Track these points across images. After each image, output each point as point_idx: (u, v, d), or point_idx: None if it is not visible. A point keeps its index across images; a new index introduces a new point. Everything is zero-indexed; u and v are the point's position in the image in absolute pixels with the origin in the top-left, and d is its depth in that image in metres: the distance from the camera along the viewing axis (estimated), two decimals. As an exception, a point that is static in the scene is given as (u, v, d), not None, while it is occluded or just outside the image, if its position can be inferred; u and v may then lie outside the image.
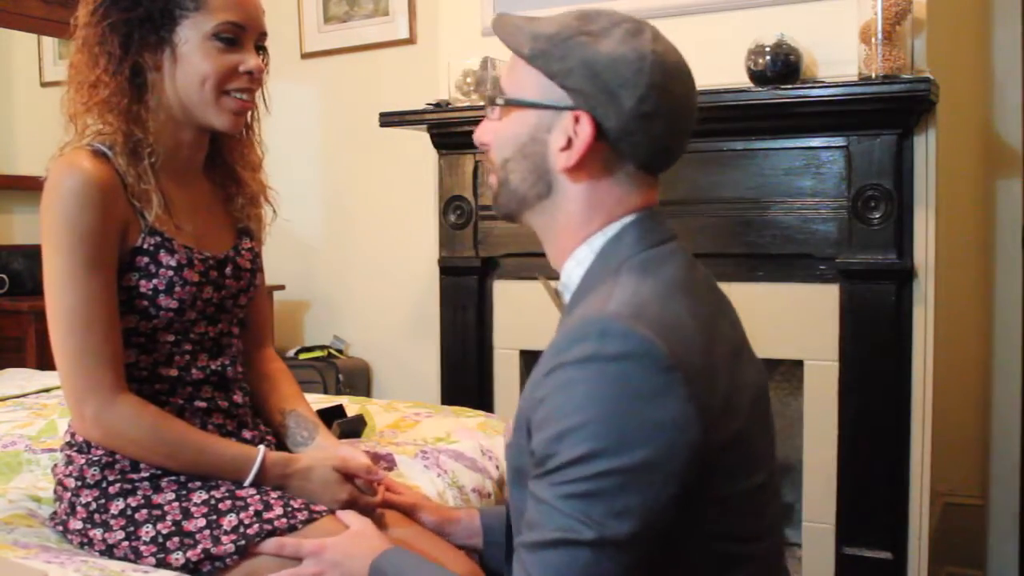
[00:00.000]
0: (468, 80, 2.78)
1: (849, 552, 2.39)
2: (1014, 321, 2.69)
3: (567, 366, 0.90)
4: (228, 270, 1.41)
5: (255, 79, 1.34)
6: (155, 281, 1.30)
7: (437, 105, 2.80)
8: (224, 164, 1.47)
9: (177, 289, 1.31)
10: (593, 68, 0.97)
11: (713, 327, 0.97)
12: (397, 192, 3.54)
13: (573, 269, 1.04)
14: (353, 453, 1.39)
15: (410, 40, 3.52)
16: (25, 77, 3.63)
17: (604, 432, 0.86)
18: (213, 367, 1.39)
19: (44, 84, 3.67)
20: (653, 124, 0.98)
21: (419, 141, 2.99)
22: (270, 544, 1.22)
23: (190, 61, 1.30)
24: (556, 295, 1.11)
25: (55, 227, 1.25)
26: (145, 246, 1.30)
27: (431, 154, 2.94)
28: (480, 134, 1.09)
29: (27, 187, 3.42)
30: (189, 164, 1.40)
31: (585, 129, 0.98)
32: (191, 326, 1.36)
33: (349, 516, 1.27)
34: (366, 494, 1.35)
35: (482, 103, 2.75)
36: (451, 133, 2.82)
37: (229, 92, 1.32)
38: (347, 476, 1.34)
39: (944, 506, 2.73)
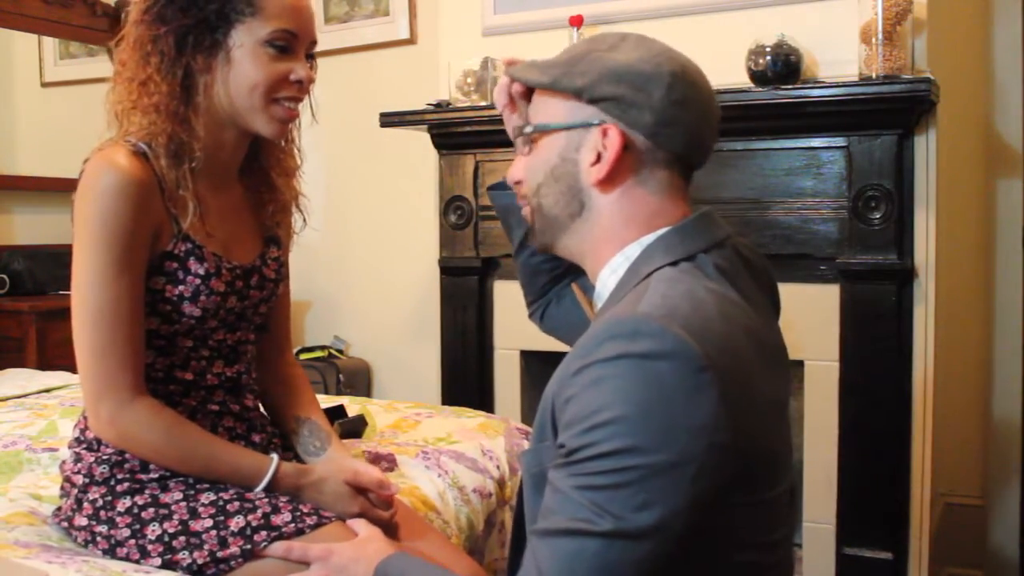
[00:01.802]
0: (468, 80, 2.78)
1: (849, 552, 2.39)
2: (1014, 321, 2.69)
3: (597, 364, 0.89)
4: (253, 280, 1.40)
5: (304, 88, 1.33)
6: (181, 288, 1.30)
7: (437, 105, 2.81)
8: (260, 169, 1.45)
9: (202, 298, 1.31)
10: (616, 73, 1.01)
11: (745, 333, 0.96)
12: (397, 192, 3.54)
13: (608, 277, 1.05)
14: (366, 467, 1.38)
15: (410, 40, 3.52)
16: (25, 77, 3.63)
17: (635, 429, 0.86)
18: (228, 374, 1.39)
19: (44, 84, 3.67)
20: (685, 110, 1.01)
21: (419, 141, 2.99)
22: (277, 548, 1.21)
23: (242, 66, 1.29)
24: (589, 305, 1.11)
25: (88, 225, 1.24)
26: (176, 251, 1.30)
27: (431, 154, 2.94)
28: (514, 174, 1.12)
29: (27, 187, 3.43)
30: (226, 168, 1.39)
31: (613, 141, 1.01)
32: (210, 333, 1.35)
33: (359, 524, 1.27)
34: (377, 508, 1.34)
35: (483, 103, 2.77)
36: (451, 133, 2.83)
37: (278, 100, 1.31)
38: (359, 489, 1.34)
39: (944, 506, 2.73)
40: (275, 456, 1.33)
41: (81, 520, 1.31)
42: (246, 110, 1.31)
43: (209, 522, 1.24)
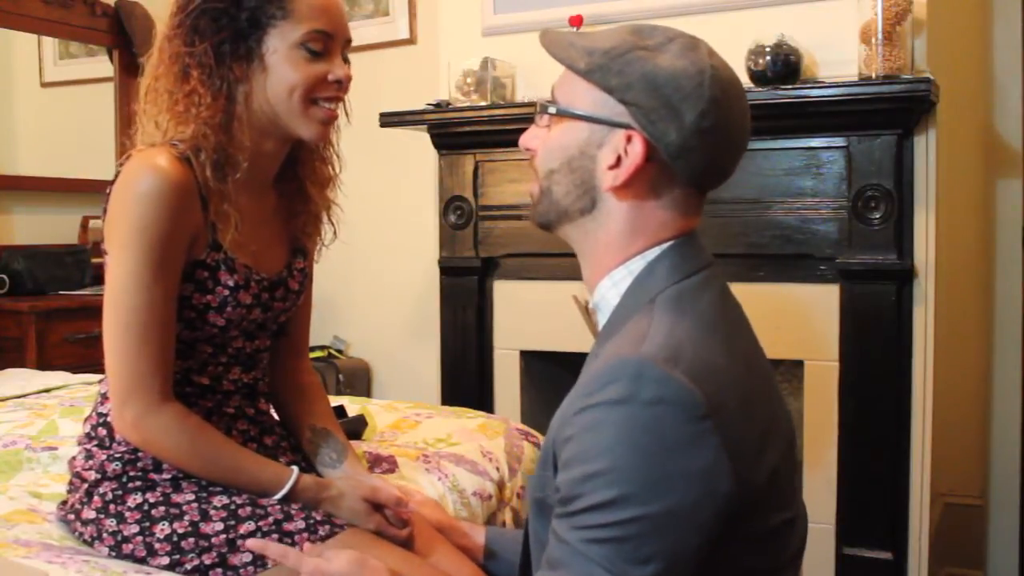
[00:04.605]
0: (468, 80, 2.78)
1: (849, 552, 2.39)
2: (1014, 321, 2.69)
3: (598, 407, 0.88)
4: (278, 293, 1.39)
5: (343, 88, 1.32)
6: (209, 297, 1.29)
7: (437, 105, 2.81)
8: (295, 177, 1.44)
9: (228, 310, 1.31)
10: (653, 82, 0.96)
11: (750, 363, 0.96)
12: (397, 192, 3.54)
13: (609, 290, 1.03)
14: (384, 484, 1.36)
15: (410, 40, 3.52)
16: (25, 77, 3.63)
17: (631, 479, 0.85)
18: (246, 380, 1.39)
19: (44, 85, 3.67)
20: (712, 139, 0.97)
21: (419, 141, 2.99)
22: (273, 547, 1.17)
23: (278, 71, 1.28)
24: (588, 315, 1.09)
25: (127, 228, 1.23)
26: (208, 260, 1.29)
27: (431, 154, 2.94)
28: (527, 140, 1.08)
29: (27, 187, 3.43)
30: (263, 176, 1.38)
31: (636, 149, 0.97)
32: (230, 341, 1.35)
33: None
34: (394, 527, 1.32)
35: (482, 103, 2.77)
36: (451, 133, 2.83)
37: (316, 101, 1.30)
38: (376, 506, 1.32)
39: (944, 506, 2.72)
40: (296, 469, 1.31)
41: (89, 513, 1.30)
42: (286, 115, 1.30)
43: (220, 525, 1.23)
